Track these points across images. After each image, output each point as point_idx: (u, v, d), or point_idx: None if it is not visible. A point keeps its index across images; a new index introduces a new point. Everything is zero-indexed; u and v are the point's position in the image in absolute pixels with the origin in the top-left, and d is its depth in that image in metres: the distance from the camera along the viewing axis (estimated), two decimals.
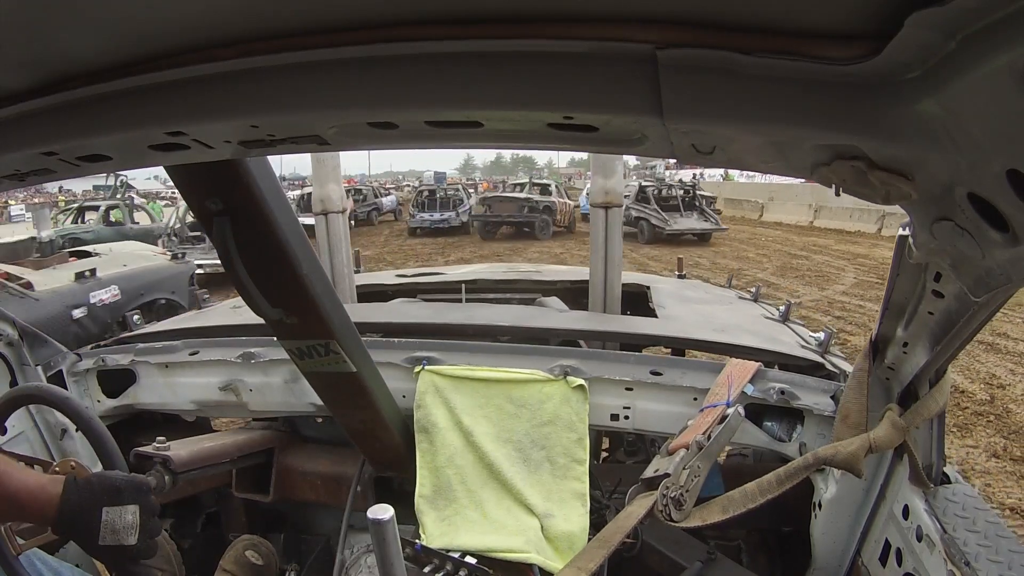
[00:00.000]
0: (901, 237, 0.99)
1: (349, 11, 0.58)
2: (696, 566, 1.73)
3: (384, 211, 24.84)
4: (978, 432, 5.03)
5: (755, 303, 3.10)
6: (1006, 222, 0.56)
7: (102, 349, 2.32)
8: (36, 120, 0.76)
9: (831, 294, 10.51)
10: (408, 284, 3.37)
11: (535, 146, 0.74)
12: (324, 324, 1.45)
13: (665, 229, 16.74)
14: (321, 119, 0.72)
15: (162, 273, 7.35)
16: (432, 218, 18.84)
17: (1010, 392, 5.84)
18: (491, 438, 1.90)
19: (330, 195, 3.34)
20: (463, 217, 19.16)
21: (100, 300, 6.07)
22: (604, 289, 3.06)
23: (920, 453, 1.38)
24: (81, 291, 5.94)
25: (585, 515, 1.82)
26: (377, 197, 24.83)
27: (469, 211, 19.49)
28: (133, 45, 0.65)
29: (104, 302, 6.11)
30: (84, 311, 5.82)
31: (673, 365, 1.89)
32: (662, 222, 16.85)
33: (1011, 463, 4.44)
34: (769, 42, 0.50)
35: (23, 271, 6.44)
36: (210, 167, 1.11)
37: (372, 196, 24.49)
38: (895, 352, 1.34)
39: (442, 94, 0.63)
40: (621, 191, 3.21)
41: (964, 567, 1.18)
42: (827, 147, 0.59)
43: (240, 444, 2.08)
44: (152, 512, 1.08)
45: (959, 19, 0.42)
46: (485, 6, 0.54)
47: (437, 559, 1.58)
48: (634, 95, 0.58)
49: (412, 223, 19.21)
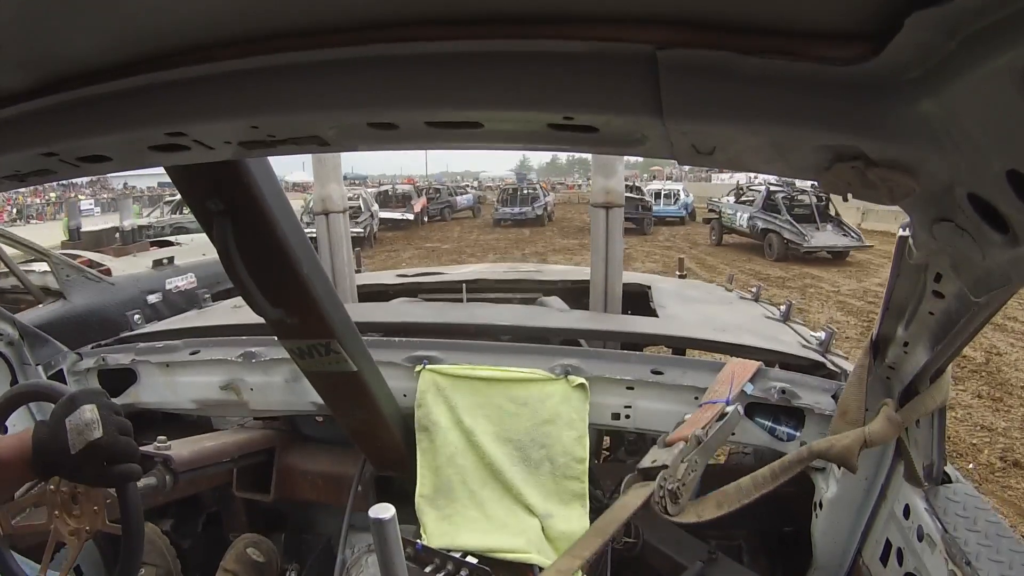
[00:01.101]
0: (901, 238, 0.99)
1: (349, 11, 0.58)
2: (697, 566, 1.73)
3: (459, 208, 27.30)
4: (968, 382, 6.32)
5: (756, 303, 3.10)
6: (1006, 223, 0.56)
7: (103, 348, 2.32)
8: (36, 120, 0.76)
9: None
10: (409, 284, 3.37)
11: (535, 147, 0.74)
12: (325, 324, 1.46)
13: (802, 246, 13.88)
14: (321, 119, 0.72)
15: None
16: (513, 212, 22.60)
17: (1005, 359, 7.01)
18: (492, 437, 1.90)
19: (331, 195, 3.34)
20: (538, 211, 22.54)
21: (176, 286, 6.25)
22: (605, 289, 3.06)
23: (921, 452, 1.38)
24: (158, 277, 6.16)
25: (585, 515, 1.82)
26: (452, 196, 27.68)
27: (544, 206, 23.06)
28: (133, 45, 0.65)
29: (180, 288, 6.27)
30: (159, 296, 5.98)
31: (674, 364, 1.89)
32: (798, 237, 13.99)
33: (990, 401, 5.93)
34: (769, 42, 0.50)
35: (104, 258, 6.77)
36: (210, 167, 1.11)
37: (447, 195, 27.38)
38: (896, 351, 1.34)
39: (442, 94, 0.63)
40: (622, 191, 3.21)
41: (965, 567, 1.18)
42: (828, 148, 0.59)
43: (241, 443, 2.08)
44: (110, 408, 1.11)
45: (959, 19, 0.42)
46: (485, 6, 0.54)
47: (438, 559, 1.58)
48: (634, 95, 0.57)
49: (496, 216, 22.94)
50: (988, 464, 4.74)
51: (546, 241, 18.51)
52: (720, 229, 17.49)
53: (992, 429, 5.29)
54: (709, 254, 15.93)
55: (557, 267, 4.98)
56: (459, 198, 27.83)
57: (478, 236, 20.17)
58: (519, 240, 18.86)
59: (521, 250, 16.56)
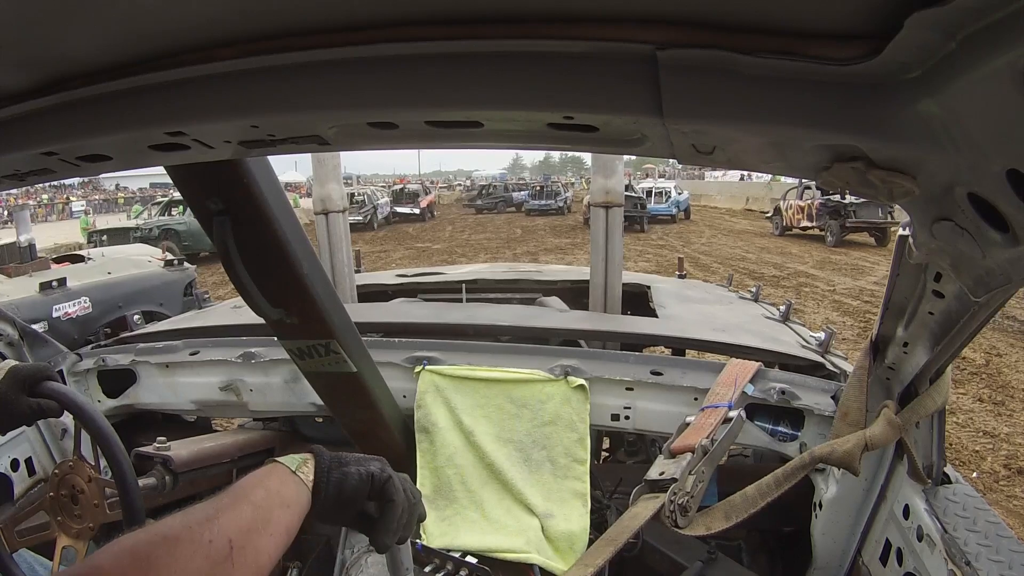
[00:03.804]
0: (901, 237, 0.99)
1: (349, 11, 0.58)
2: (697, 566, 1.73)
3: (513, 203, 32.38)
4: (969, 385, 6.22)
5: (755, 303, 3.10)
6: (1006, 222, 0.56)
7: (102, 349, 2.32)
8: (36, 120, 0.76)
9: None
10: (408, 284, 3.37)
11: (535, 146, 0.74)
12: (324, 324, 1.45)
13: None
14: (321, 119, 0.72)
15: (150, 282, 6.66)
16: (541, 203, 28.54)
17: (1006, 360, 6.92)
18: (491, 438, 1.90)
19: (330, 195, 3.34)
20: (559, 203, 28.13)
21: (65, 313, 5.47)
22: (604, 289, 3.06)
23: (921, 453, 1.38)
24: (43, 304, 5.32)
25: (586, 515, 1.82)
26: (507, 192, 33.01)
27: (564, 200, 28.49)
28: (133, 45, 0.65)
29: (70, 315, 5.51)
30: (43, 326, 5.02)
31: (673, 365, 1.89)
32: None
33: (992, 405, 5.76)
34: (769, 42, 0.50)
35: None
36: (210, 167, 1.11)
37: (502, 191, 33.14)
38: (895, 352, 1.34)
39: (442, 94, 0.63)
40: (621, 191, 3.22)
41: (965, 567, 1.18)
42: (827, 147, 0.59)
43: (240, 444, 2.08)
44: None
45: (959, 19, 0.42)
46: (485, 6, 0.54)
47: (438, 559, 1.58)
48: (634, 95, 0.58)
49: (527, 207, 28.84)
50: (992, 472, 4.62)
51: (537, 240, 19.05)
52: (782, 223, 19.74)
53: (995, 435, 5.17)
54: (703, 253, 16.06)
55: (556, 267, 4.98)
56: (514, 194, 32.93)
57: (469, 236, 20.90)
58: (510, 240, 19.45)
59: (512, 250, 16.91)
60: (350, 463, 0.87)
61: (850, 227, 16.44)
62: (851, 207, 16.28)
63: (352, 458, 0.88)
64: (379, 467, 0.89)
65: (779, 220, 19.74)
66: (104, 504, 1.32)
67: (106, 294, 5.89)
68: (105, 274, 6.30)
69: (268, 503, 0.74)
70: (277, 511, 0.75)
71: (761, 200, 26.94)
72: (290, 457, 0.83)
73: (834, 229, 16.68)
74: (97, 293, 5.81)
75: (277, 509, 0.75)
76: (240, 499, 0.72)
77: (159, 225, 15.38)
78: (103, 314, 5.81)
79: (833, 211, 16.71)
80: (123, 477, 1.22)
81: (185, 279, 7.20)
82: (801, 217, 18.14)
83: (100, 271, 6.41)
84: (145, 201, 28.80)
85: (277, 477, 0.79)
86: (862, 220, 16.29)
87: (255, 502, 0.73)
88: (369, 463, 0.89)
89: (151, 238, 14.67)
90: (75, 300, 5.58)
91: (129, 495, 1.22)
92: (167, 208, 16.64)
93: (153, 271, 7.02)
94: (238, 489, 0.74)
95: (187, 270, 7.40)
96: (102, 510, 1.31)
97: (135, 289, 6.42)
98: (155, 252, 8.46)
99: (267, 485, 0.77)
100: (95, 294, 5.78)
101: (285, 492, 0.78)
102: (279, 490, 0.77)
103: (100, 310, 5.77)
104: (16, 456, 2.02)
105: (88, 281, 5.98)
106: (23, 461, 2.05)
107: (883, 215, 16.01)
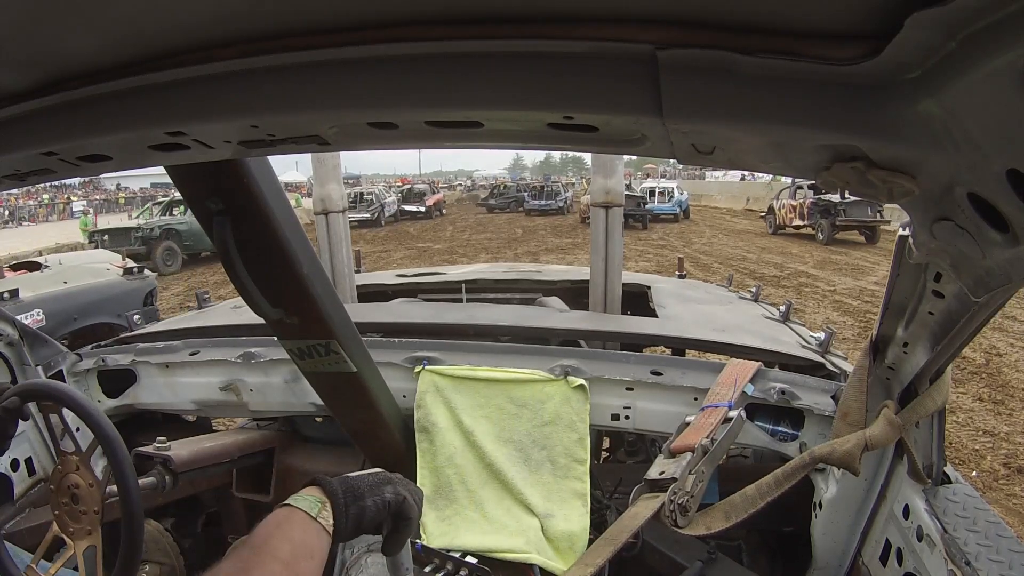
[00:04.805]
0: (901, 237, 0.99)
1: (349, 11, 0.58)
2: (697, 566, 1.73)
3: None
4: (968, 385, 6.22)
5: (755, 303, 3.10)
6: (1006, 222, 0.56)
7: (102, 349, 2.32)
8: (36, 120, 0.76)
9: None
10: (408, 284, 3.37)
11: (535, 146, 0.74)
12: (324, 324, 1.45)
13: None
14: (321, 119, 0.72)
15: (108, 292, 6.27)
16: (541, 203, 27.69)
17: (1006, 359, 6.94)
18: (491, 438, 1.90)
19: (330, 195, 3.34)
20: (560, 203, 27.34)
21: None
22: (604, 289, 3.06)
23: (920, 453, 1.38)
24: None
25: (586, 515, 1.82)
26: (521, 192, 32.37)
27: (565, 199, 27.68)
28: (133, 45, 0.65)
29: None
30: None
31: (673, 365, 1.89)
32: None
33: (992, 404, 5.77)
34: (769, 42, 0.50)
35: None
36: (210, 167, 1.11)
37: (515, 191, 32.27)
38: (895, 352, 1.34)
39: (442, 94, 0.63)
40: (621, 191, 3.22)
41: (964, 567, 1.18)
42: (827, 147, 0.59)
43: (240, 444, 2.08)
44: None
45: (959, 19, 0.42)
46: (485, 6, 0.54)
47: (438, 559, 1.58)
48: (634, 95, 0.57)
49: (527, 206, 27.93)
50: (992, 471, 4.62)
51: (538, 240, 19.05)
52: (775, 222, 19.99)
53: (995, 434, 5.18)
54: (703, 253, 16.08)
55: (556, 267, 4.98)
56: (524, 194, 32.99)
57: (470, 236, 20.93)
58: (511, 240, 19.45)
59: (513, 250, 16.92)
60: (364, 494, 0.84)
61: (840, 225, 16.66)
62: (841, 206, 16.48)
63: (365, 486, 0.86)
64: (392, 492, 0.87)
65: (773, 219, 19.91)
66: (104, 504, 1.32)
67: (61, 305, 5.64)
68: (61, 284, 5.99)
69: (294, 557, 0.73)
70: (303, 563, 0.74)
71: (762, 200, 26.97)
72: (306, 499, 0.80)
73: (825, 227, 16.93)
74: (51, 304, 5.52)
75: (303, 561, 0.74)
76: (266, 556, 0.71)
77: (160, 225, 15.25)
78: (57, 327, 5.45)
79: (824, 210, 16.99)
80: (123, 477, 1.22)
81: (145, 288, 6.85)
82: (794, 216, 18.36)
83: (56, 280, 6.07)
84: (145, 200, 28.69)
85: (299, 526, 0.77)
86: (852, 219, 16.54)
87: (283, 559, 0.71)
88: (383, 490, 0.86)
89: (152, 238, 14.74)
90: (28, 312, 5.23)
91: (129, 495, 1.22)
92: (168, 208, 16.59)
93: (111, 280, 6.64)
94: (261, 544, 0.73)
95: (147, 278, 7.07)
96: (102, 510, 1.32)
97: (91, 299, 6.10)
98: (115, 259, 7.95)
99: (291, 537, 0.75)
100: (49, 305, 5.50)
101: (309, 542, 0.77)
102: (303, 540, 0.76)
103: (54, 323, 5.42)
104: (16, 456, 2.02)
105: (43, 291, 5.69)
106: (23, 461, 2.05)
107: (872, 214, 16.26)
